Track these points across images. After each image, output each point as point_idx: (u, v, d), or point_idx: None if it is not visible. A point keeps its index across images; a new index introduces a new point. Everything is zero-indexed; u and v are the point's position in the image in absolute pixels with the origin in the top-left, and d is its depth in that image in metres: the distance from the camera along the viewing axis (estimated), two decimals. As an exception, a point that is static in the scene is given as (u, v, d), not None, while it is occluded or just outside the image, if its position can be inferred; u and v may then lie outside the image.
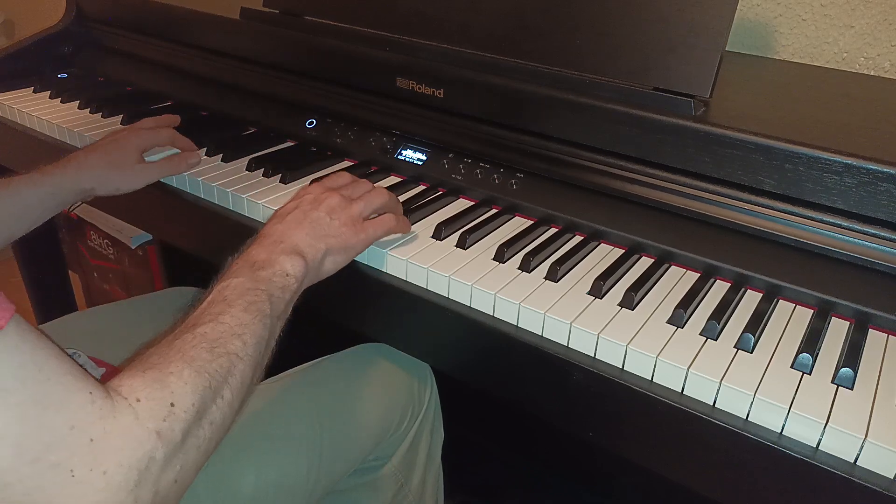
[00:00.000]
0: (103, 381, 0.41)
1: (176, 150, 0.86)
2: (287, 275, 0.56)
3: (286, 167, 0.81)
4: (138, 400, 0.40)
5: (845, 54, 0.97)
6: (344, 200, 0.64)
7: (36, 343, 0.37)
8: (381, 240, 0.68)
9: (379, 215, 0.66)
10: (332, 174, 0.71)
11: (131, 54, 1.12)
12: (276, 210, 0.64)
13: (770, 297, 0.62)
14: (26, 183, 0.72)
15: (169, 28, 1.06)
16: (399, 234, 0.69)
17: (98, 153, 0.77)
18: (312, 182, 0.78)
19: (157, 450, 0.40)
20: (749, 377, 0.52)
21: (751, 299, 0.62)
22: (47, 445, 0.36)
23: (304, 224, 0.61)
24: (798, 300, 0.62)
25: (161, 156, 0.84)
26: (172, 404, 0.42)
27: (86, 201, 0.82)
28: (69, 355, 0.39)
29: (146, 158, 0.82)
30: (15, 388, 0.35)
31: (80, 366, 0.40)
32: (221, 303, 0.51)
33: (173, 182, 0.83)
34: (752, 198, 0.64)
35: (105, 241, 1.60)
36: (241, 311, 0.50)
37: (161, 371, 0.43)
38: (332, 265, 0.62)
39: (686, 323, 0.58)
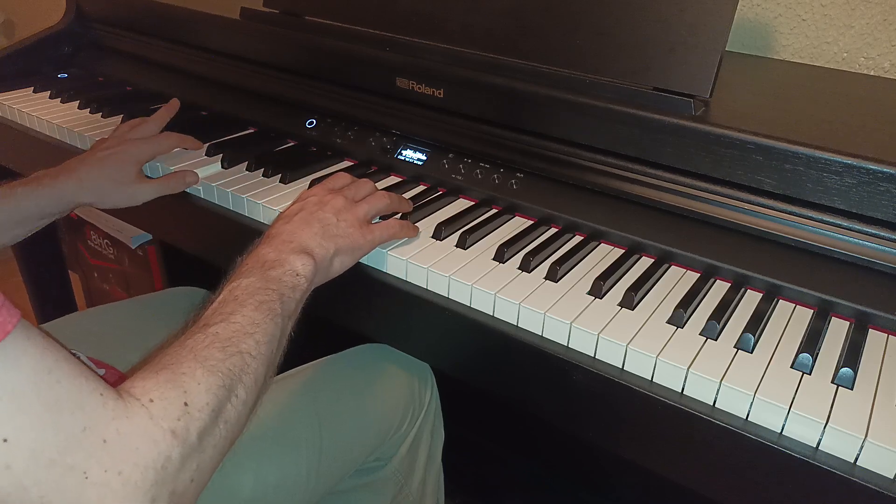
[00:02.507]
0: (107, 383, 0.41)
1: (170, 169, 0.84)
2: (297, 274, 0.56)
3: (286, 167, 0.81)
4: (151, 400, 0.40)
5: (845, 54, 0.97)
6: (349, 202, 0.65)
7: (45, 346, 0.37)
8: (381, 240, 0.68)
9: (382, 218, 0.67)
10: (331, 175, 0.71)
11: (131, 54, 1.12)
12: (279, 212, 0.65)
13: (770, 297, 0.62)
14: (27, 193, 0.72)
15: (169, 28, 1.06)
16: (399, 234, 0.69)
17: (97, 169, 0.76)
18: (312, 183, 0.79)
19: (173, 449, 0.40)
20: (749, 377, 0.52)
21: (751, 299, 0.62)
22: (62, 448, 0.36)
23: (312, 224, 0.61)
24: (798, 300, 0.62)
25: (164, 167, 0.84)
26: (186, 404, 0.42)
27: (80, 210, 0.82)
28: (83, 360, 0.39)
29: (150, 166, 0.81)
30: (27, 393, 0.35)
31: (93, 368, 0.40)
32: (232, 302, 0.51)
33: (173, 182, 0.83)
34: (752, 198, 0.64)
35: (105, 241, 1.60)
36: (253, 311, 0.51)
37: (173, 371, 0.43)
38: (339, 266, 0.63)
39: (686, 323, 0.58)
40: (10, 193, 0.71)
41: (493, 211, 0.76)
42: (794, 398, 0.50)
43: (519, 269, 0.65)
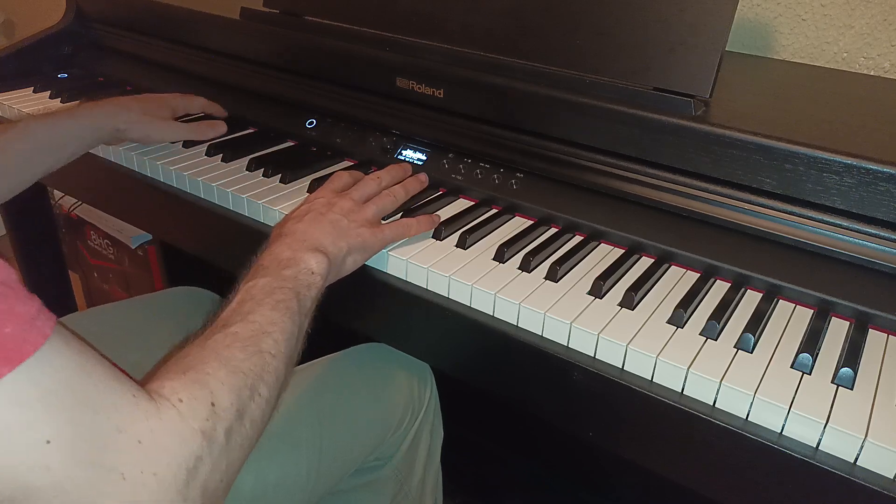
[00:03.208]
0: None
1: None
2: (312, 272, 0.57)
3: (286, 167, 0.81)
4: (181, 400, 0.41)
5: (845, 54, 0.97)
6: (356, 204, 0.66)
7: (80, 349, 0.38)
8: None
9: (391, 217, 0.67)
10: (333, 176, 0.71)
11: (131, 54, 1.12)
12: (279, 212, 0.65)
13: (770, 297, 0.62)
14: (67, 116, 0.78)
15: (169, 28, 1.06)
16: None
17: (135, 101, 0.85)
18: (312, 183, 0.79)
19: (203, 449, 0.40)
20: (749, 377, 0.52)
21: (751, 299, 0.62)
22: (99, 449, 0.36)
23: (324, 224, 0.62)
24: (798, 300, 0.62)
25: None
26: (213, 404, 0.42)
27: (113, 143, 0.87)
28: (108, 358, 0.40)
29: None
30: (66, 395, 0.36)
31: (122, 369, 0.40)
32: (250, 301, 0.52)
33: (173, 182, 0.83)
34: (752, 198, 0.64)
35: (105, 241, 1.60)
36: (270, 310, 0.51)
37: (199, 372, 0.44)
38: (352, 264, 0.63)
39: (686, 323, 0.58)
40: (52, 118, 0.76)
41: (493, 211, 0.76)
42: (794, 398, 0.50)
43: (519, 269, 0.65)
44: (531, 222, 0.73)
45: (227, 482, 0.43)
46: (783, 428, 0.50)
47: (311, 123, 0.90)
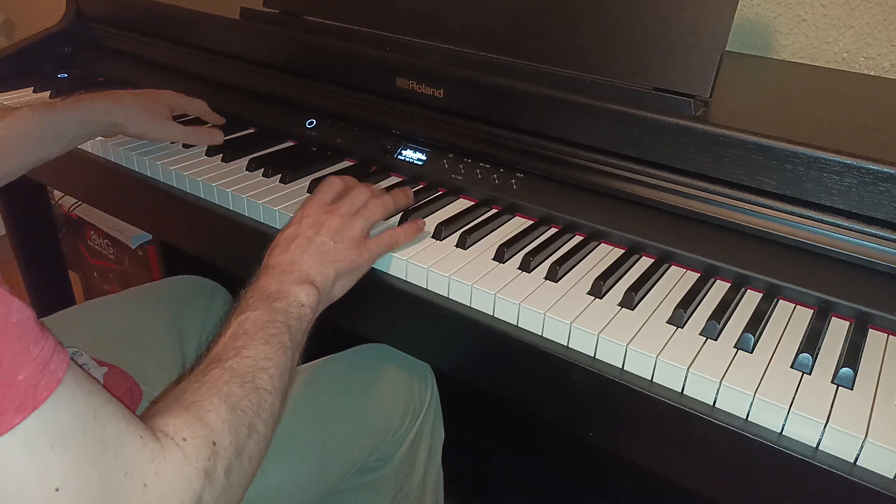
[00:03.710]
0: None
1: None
2: (302, 305, 0.57)
3: (286, 167, 0.81)
4: (184, 439, 0.41)
5: (845, 54, 0.97)
6: (344, 220, 0.64)
7: (90, 389, 0.37)
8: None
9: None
10: (324, 182, 0.69)
11: (131, 54, 1.12)
12: (279, 212, 0.64)
13: (770, 297, 0.62)
14: (66, 107, 0.78)
15: (169, 28, 1.06)
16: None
17: (134, 96, 0.86)
18: (312, 183, 0.79)
19: (205, 489, 0.41)
20: (749, 377, 0.52)
21: (751, 299, 0.62)
22: (106, 493, 0.36)
23: (309, 251, 0.61)
24: (798, 300, 0.62)
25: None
26: (214, 443, 0.43)
27: (109, 136, 0.88)
28: (114, 397, 0.40)
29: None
30: (76, 439, 0.35)
31: (129, 409, 0.40)
32: (243, 336, 0.52)
33: (173, 182, 0.83)
34: (752, 198, 0.64)
35: (105, 241, 1.60)
36: (263, 345, 0.51)
37: (201, 409, 0.44)
38: (341, 289, 0.63)
39: (686, 323, 0.58)
40: (51, 108, 0.77)
41: (493, 211, 0.76)
42: (794, 398, 0.50)
43: (519, 269, 0.65)
44: (531, 222, 0.73)
45: None
46: (783, 428, 0.50)
47: (311, 123, 0.90)
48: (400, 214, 0.73)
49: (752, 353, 0.55)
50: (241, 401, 0.46)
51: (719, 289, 0.63)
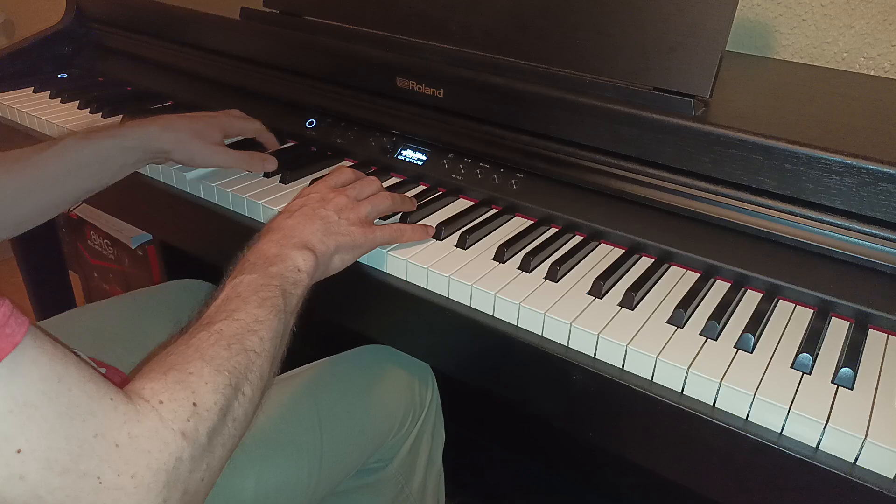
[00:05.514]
0: (114, 383, 0.41)
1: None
2: (299, 270, 0.56)
3: (286, 167, 0.81)
4: (161, 402, 0.41)
5: (845, 54, 0.97)
6: (351, 200, 0.65)
7: (54, 354, 0.37)
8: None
9: (383, 219, 0.66)
10: (335, 170, 0.71)
11: (131, 54, 1.12)
12: (279, 212, 0.64)
13: (770, 297, 0.62)
14: (110, 135, 0.73)
15: (169, 28, 1.06)
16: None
17: (185, 120, 0.78)
18: (313, 182, 0.79)
19: (184, 450, 0.40)
20: (749, 377, 0.52)
21: (751, 299, 0.62)
22: (75, 456, 0.36)
23: (314, 220, 0.61)
24: (798, 300, 0.62)
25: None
26: (195, 404, 0.42)
27: (159, 163, 0.82)
28: (84, 359, 0.39)
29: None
30: (39, 402, 0.35)
31: (97, 369, 0.40)
32: (235, 299, 0.51)
33: (174, 182, 0.83)
34: (752, 198, 0.64)
35: (105, 241, 1.60)
36: (256, 307, 0.51)
37: (181, 371, 0.43)
38: (339, 263, 0.63)
39: (686, 323, 0.58)
40: (95, 134, 0.72)
41: (493, 211, 0.76)
42: (794, 398, 0.50)
43: (519, 269, 0.65)
44: (531, 222, 0.73)
45: (209, 481, 0.43)
46: (783, 428, 0.50)
47: (311, 123, 0.90)
48: (400, 215, 0.73)
49: (752, 353, 0.55)
50: (226, 362, 0.46)
51: (719, 289, 0.63)
